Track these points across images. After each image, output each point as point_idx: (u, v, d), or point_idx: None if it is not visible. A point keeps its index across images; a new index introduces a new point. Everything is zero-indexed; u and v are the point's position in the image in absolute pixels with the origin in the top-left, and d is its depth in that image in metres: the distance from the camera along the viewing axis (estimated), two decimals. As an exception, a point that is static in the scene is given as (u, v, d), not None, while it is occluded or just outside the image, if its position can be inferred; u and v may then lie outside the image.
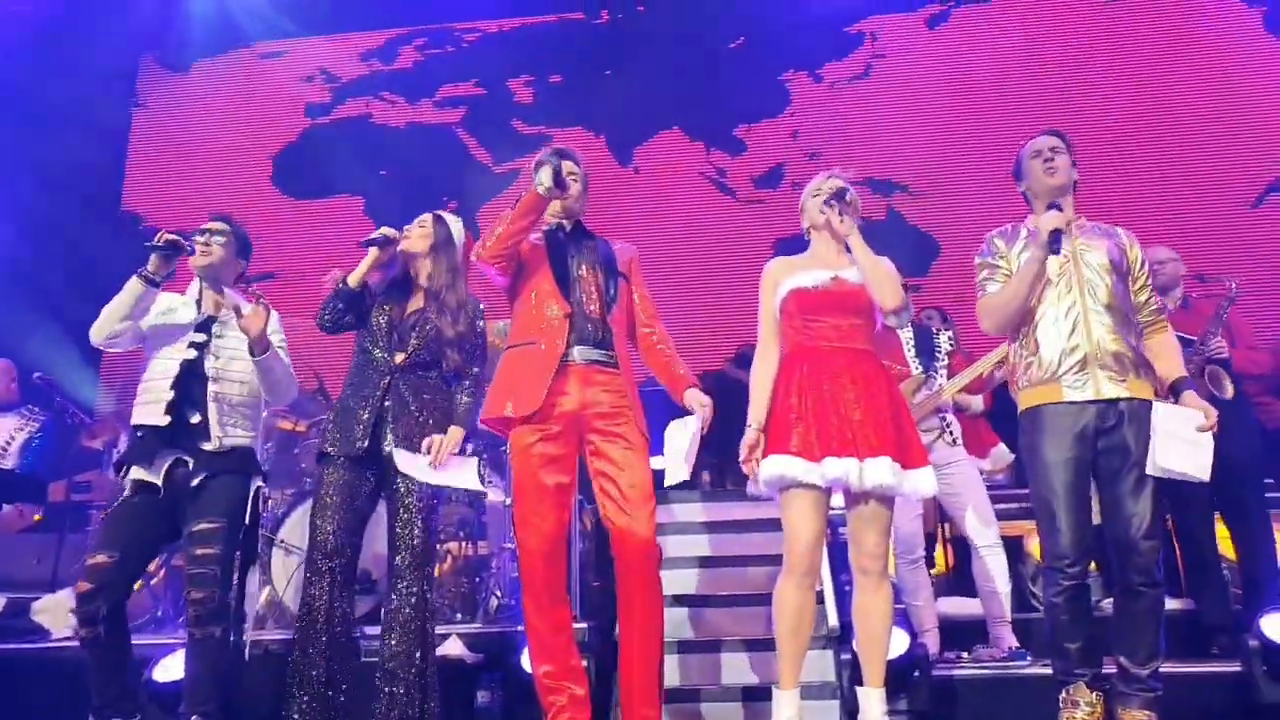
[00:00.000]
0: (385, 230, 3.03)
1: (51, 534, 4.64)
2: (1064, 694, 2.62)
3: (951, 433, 3.79)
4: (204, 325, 2.94)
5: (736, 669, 3.57)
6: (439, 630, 3.50)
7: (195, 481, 2.79)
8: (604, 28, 7.66)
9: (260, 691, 3.32)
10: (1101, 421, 2.63)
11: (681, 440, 2.69)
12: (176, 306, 3.00)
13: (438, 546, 4.04)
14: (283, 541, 4.14)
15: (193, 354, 2.87)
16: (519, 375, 2.71)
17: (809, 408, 2.61)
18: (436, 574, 4.06)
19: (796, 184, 6.89)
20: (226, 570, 2.78)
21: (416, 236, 3.06)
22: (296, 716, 2.67)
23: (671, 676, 3.52)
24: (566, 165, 2.85)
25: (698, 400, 2.76)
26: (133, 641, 2.86)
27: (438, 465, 2.80)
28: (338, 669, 2.72)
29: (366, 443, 2.82)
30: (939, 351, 3.90)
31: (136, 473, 2.80)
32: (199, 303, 3.01)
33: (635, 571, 2.62)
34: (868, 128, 7.04)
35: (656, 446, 2.79)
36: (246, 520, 2.87)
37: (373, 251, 2.99)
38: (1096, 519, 2.75)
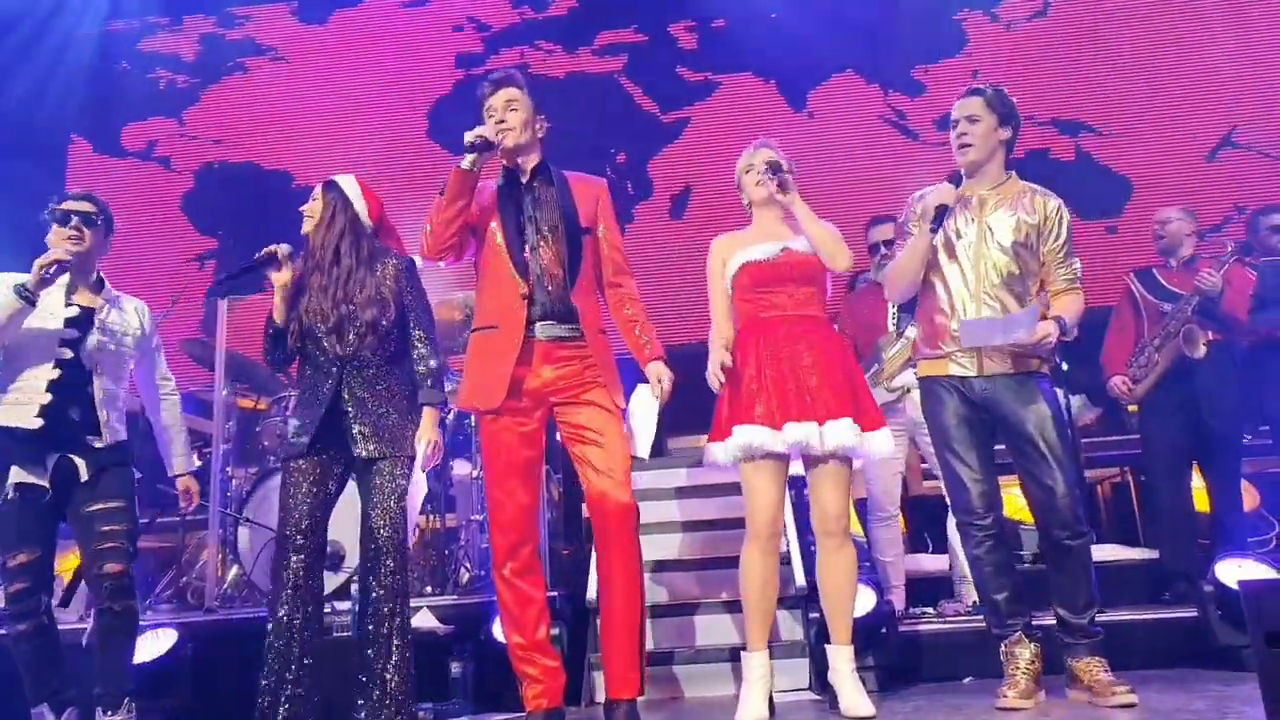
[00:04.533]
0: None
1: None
2: (1004, 647, 2.65)
3: None
4: (77, 322, 2.83)
5: (709, 631, 3.60)
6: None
7: (86, 475, 2.79)
8: (767, -31, 7.24)
9: (232, 667, 3.31)
10: (987, 393, 2.67)
11: (643, 417, 2.68)
12: (46, 303, 2.80)
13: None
14: (248, 519, 4.10)
15: (68, 354, 2.80)
16: (481, 365, 2.64)
17: (769, 378, 2.65)
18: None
19: (981, 125, 6.79)
20: (133, 546, 2.84)
21: (306, 218, 2.85)
22: (271, 686, 2.61)
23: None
24: (503, 95, 2.66)
25: (656, 375, 2.68)
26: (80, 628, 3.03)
27: (427, 467, 2.77)
28: (312, 644, 2.68)
29: (322, 446, 2.71)
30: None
31: (19, 475, 2.75)
32: (68, 292, 2.84)
33: (614, 534, 2.58)
34: (1049, 66, 6.75)
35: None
36: (137, 510, 2.91)
37: (276, 278, 2.74)
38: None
